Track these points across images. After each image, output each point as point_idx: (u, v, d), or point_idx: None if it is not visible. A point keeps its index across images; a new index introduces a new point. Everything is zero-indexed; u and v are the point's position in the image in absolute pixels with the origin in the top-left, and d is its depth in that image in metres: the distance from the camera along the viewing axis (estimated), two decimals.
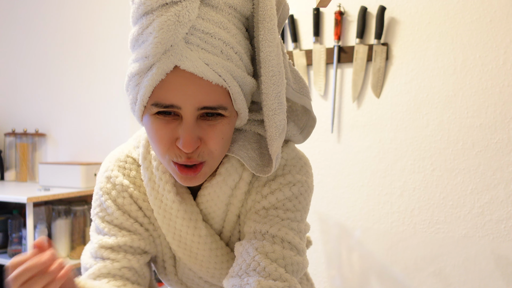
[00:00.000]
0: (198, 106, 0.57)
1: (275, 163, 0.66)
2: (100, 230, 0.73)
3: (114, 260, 0.70)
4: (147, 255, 0.75)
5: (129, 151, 0.77)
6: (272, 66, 0.60)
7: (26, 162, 2.62)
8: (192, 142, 0.58)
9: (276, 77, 0.61)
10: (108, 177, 0.75)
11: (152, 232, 0.75)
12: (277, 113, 0.63)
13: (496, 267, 1.67)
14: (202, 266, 0.74)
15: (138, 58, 0.57)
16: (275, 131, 0.63)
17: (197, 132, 0.59)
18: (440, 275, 1.75)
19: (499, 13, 1.64)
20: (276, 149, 0.64)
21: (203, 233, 0.72)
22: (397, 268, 1.82)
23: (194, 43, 0.55)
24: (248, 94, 0.64)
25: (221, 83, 0.57)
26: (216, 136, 0.61)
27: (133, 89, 0.61)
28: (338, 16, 1.84)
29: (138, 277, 0.73)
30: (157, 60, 0.55)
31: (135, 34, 0.57)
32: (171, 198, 0.70)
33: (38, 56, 2.68)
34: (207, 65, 0.55)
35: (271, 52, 0.60)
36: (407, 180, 1.80)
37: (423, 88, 1.76)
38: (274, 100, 0.62)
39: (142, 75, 0.58)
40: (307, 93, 0.73)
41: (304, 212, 0.71)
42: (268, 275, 0.61)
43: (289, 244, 0.66)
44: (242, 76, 0.60)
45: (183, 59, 0.54)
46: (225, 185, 0.70)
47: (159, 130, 0.60)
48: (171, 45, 0.54)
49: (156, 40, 0.53)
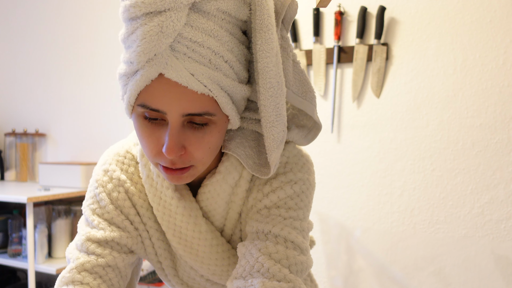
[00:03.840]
0: (183, 113, 0.56)
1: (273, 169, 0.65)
2: (89, 223, 0.73)
3: (99, 255, 0.69)
4: (133, 255, 0.74)
5: (129, 147, 0.77)
6: (270, 77, 0.59)
7: (26, 162, 2.63)
8: (175, 148, 0.57)
9: (274, 89, 0.60)
10: (105, 170, 0.75)
11: (142, 232, 0.75)
12: (275, 125, 0.62)
13: (496, 267, 1.67)
14: (203, 263, 0.74)
15: (125, 60, 0.56)
16: (273, 143, 0.62)
17: (182, 139, 0.58)
18: (440, 275, 1.75)
19: (499, 13, 1.64)
20: (274, 159, 0.64)
21: (203, 229, 0.71)
22: (397, 268, 1.82)
23: (180, 51, 0.53)
24: (239, 101, 0.62)
25: (207, 93, 0.56)
26: (203, 146, 0.60)
27: (122, 88, 0.60)
28: (338, 16, 1.84)
29: (120, 278, 0.71)
30: (141, 67, 0.54)
31: (122, 35, 0.56)
32: (169, 194, 0.70)
33: (38, 57, 2.68)
34: (192, 75, 0.54)
35: (268, 63, 0.58)
36: (407, 180, 1.80)
37: (423, 88, 1.76)
38: (272, 112, 0.61)
39: (129, 77, 0.57)
40: (311, 98, 0.70)
41: (307, 210, 0.71)
42: (272, 276, 0.61)
43: (292, 243, 0.65)
44: (232, 85, 0.58)
45: (167, 67, 0.53)
46: (225, 183, 0.69)
47: (147, 136, 0.59)
48: (155, 54, 0.52)
49: (139, 49, 0.52)
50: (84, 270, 0.68)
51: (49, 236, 2.22)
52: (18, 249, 2.21)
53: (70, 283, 0.67)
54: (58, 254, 2.21)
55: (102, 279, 0.69)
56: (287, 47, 0.66)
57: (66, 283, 0.67)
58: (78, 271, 0.68)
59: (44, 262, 2.13)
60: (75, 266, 0.68)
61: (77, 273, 0.68)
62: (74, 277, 0.67)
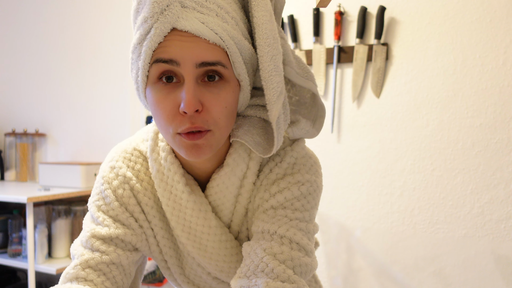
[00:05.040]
0: (197, 61, 0.58)
1: (276, 133, 0.65)
2: (94, 219, 0.73)
3: (103, 253, 0.69)
4: (137, 253, 0.75)
5: (136, 144, 0.77)
6: (266, 29, 0.61)
7: (26, 162, 2.63)
8: (193, 101, 0.58)
9: (269, 40, 0.61)
10: (112, 167, 0.75)
11: (146, 229, 0.75)
12: (273, 74, 0.62)
13: (496, 267, 1.67)
14: (211, 259, 0.74)
15: (139, 25, 0.59)
16: (273, 93, 0.63)
17: (199, 95, 0.59)
18: (440, 275, 1.75)
19: (499, 13, 1.64)
20: (275, 113, 0.64)
21: (213, 224, 0.71)
22: (397, 268, 1.82)
23: (189, 7, 0.57)
24: (247, 62, 0.64)
25: (218, 42, 0.58)
26: (219, 103, 0.61)
27: (136, 61, 0.62)
28: (338, 16, 1.84)
29: (124, 276, 0.72)
30: (155, 21, 0.57)
31: (135, 4, 0.60)
32: (180, 188, 0.70)
33: (38, 57, 2.68)
34: (203, 24, 0.57)
35: (263, 16, 0.61)
36: (407, 180, 1.80)
37: (423, 88, 1.76)
38: (270, 62, 0.62)
39: (142, 43, 0.59)
40: (312, 78, 0.72)
41: (313, 213, 0.71)
42: (276, 277, 0.61)
43: (298, 245, 0.65)
44: (239, 38, 0.60)
45: (179, 20, 0.56)
46: (233, 176, 0.70)
47: (162, 100, 0.60)
48: (167, 5, 0.56)
49: (153, 0, 0.56)
50: (89, 267, 0.68)
51: (49, 236, 2.22)
52: (18, 249, 2.21)
53: (74, 279, 0.67)
54: (58, 254, 2.21)
55: (106, 276, 0.69)
56: (283, 35, 0.68)
57: (70, 279, 0.68)
58: (83, 267, 0.68)
59: (44, 262, 2.13)
60: (79, 262, 0.69)
61: (81, 270, 0.68)
62: (78, 273, 0.67)
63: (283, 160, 0.71)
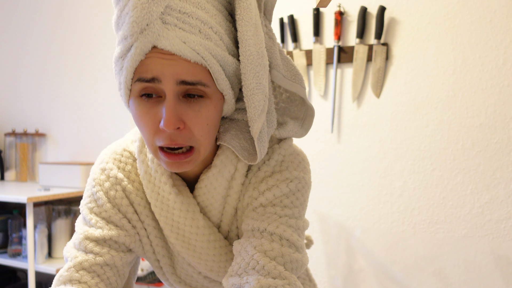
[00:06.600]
0: (177, 79, 0.57)
1: (258, 147, 0.65)
2: (87, 221, 0.73)
3: (97, 254, 0.69)
4: (131, 254, 0.75)
5: (126, 145, 0.78)
6: (249, 45, 0.60)
7: (26, 162, 2.63)
8: (173, 120, 0.58)
9: (253, 57, 0.61)
10: (102, 169, 0.75)
11: (139, 230, 0.75)
12: (255, 93, 0.62)
13: (496, 267, 1.67)
14: (200, 259, 0.74)
15: (120, 40, 0.58)
16: (255, 112, 0.63)
17: (180, 112, 0.59)
18: (440, 275, 1.75)
19: (499, 13, 1.64)
20: (256, 130, 0.64)
21: (201, 224, 0.72)
22: (397, 268, 1.82)
23: (171, 23, 0.55)
24: (232, 76, 0.63)
25: (200, 61, 0.57)
26: (201, 121, 0.61)
27: (118, 73, 0.61)
28: (338, 16, 1.84)
29: (118, 277, 0.72)
30: (135, 40, 0.56)
31: (115, 17, 0.59)
32: (167, 189, 0.70)
33: (38, 57, 2.68)
34: (184, 43, 0.56)
35: (247, 31, 0.60)
36: (407, 180, 1.80)
37: (423, 88, 1.76)
38: (252, 80, 0.61)
39: (124, 57, 0.58)
40: (300, 81, 0.72)
41: (302, 209, 0.71)
42: (267, 273, 0.61)
43: (288, 241, 0.66)
44: (223, 55, 0.59)
45: (160, 38, 0.55)
46: (221, 177, 0.70)
47: (144, 115, 0.60)
48: (147, 24, 0.55)
49: (132, 19, 0.55)
50: (82, 268, 0.68)
51: (49, 236, 2.22)
52: (18, 249, 2.21)
53: (68, 282, 0.67)
54: (58, 254, 2.21)
55: (100, 278, 0.69)
56: (272, 35, 0.68)
57: (63, 282, 0.67)
58: (76, 269, 0.68)
59: (44, 262, 2.13)
60: (73, 264, 0.68)
61: (75, 272, 0.68)
62: (72, 275, 0.67)
63: (271, 158, 0.72)
